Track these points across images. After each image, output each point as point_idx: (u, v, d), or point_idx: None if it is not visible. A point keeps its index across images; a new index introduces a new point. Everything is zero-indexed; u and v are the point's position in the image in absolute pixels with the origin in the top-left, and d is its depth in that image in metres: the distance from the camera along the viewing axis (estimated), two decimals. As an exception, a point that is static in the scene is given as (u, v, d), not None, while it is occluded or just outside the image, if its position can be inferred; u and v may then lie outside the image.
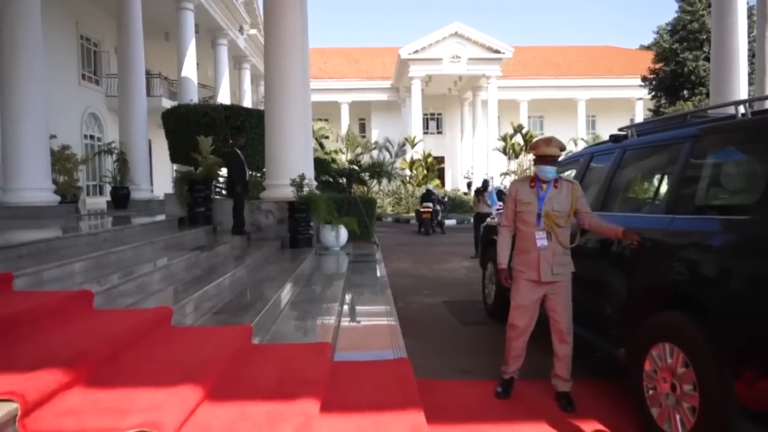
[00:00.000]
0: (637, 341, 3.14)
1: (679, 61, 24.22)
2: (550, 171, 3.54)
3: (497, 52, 31.83)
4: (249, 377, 2.99)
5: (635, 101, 35.67)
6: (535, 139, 3.82)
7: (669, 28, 26.30)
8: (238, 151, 8.27)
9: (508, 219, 3.75)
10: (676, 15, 25.76)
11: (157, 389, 2.48)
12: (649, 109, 28.01)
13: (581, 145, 32.42)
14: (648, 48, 38.02)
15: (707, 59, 23.28)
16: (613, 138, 4.21)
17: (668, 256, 3.06)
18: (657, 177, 3.95)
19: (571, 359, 3.61)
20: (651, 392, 3.02)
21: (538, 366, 4.00)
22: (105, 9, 17.90)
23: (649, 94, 26.78)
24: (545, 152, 3.53)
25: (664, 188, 3.65)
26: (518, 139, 29.63)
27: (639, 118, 35.54)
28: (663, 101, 25.11)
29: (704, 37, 23.31)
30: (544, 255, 3.52)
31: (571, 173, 4.67)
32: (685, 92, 24.34)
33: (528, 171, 31.04)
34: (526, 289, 3.62)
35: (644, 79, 26.57)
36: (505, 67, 32.82)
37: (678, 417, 2.79)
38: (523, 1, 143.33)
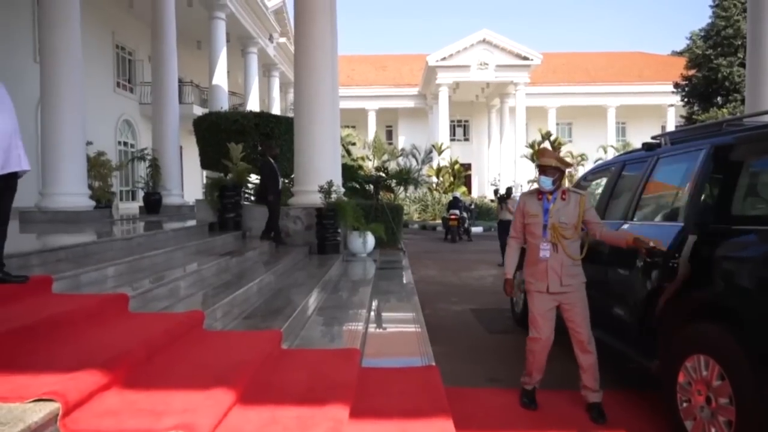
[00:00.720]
0: (671, 353, 3.09)
1: (713, 67, 23.72)
2: (544, 182, 3.60)
3: (525, 58, 31.66)
4: (279, 381, 3.02)
5: (667, 108, 35.02)
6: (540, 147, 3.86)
7: (702, 33, 25.77)
8: (272, 160, 8.38)
9: (516, 231, 3.80)
10: (709, 20, 25.24)
11: (191, 392, 2.53)
12: (682, 116, 27.46)
13: (611, 153, 31.97)
14: (680, 54, 37.29)
15: (742, 65, 22.76)
16: (646, 146, 4.15)
17: (704, 267, 3.00)
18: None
19: (597, 369, 3.58)
20: (685, 405, 2.96)
21: (565, 375, 3.96)
22: (140, 19, 18.41)
23: (681, 100, 26.25)
24: (541, 162, 3.63)
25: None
26: (546, 146, 29.37)
27: (670, 125, 34.88)
28: (696, 108, 24.59)
29: (739, 42, 22.78)
30: (552, 266, 3.54)
31: (602, 181, 4.62)
32: (719, 99, 23.79)
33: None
34: (539, 300, 3.63)
35: (676, 85, 26.07)
36: (533, 73, 32.61)
37: (713, 430, 2.73)
38: (552, 8, 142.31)
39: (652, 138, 4.17)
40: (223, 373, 2.81)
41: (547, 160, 3.58)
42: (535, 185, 3.93)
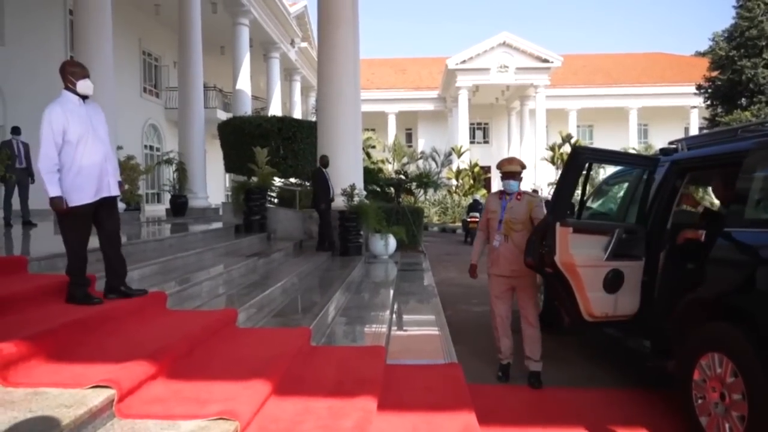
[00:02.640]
0: (686, 351, 3.19)
1: (737, 69, 23.39)
2: (513, 185, 4.28)
3: (546, 61, 31.54)
4: (310, 375, 3.20)
5: (689, 110, 34.56)
6: (500, 160, 4.39)
7: (725, 34, 25.42)
8: (324, 170, 8.52)
9: (482, 224, 4.52)
10: (733, 21, 24.90)
11: (230, 382, 2.72)
12: (705, 118, 27.08)
13: (632, 155, 31.64)
14: (703, 55, 36.79)
15: (767, 66, 22.44)
16: (663, 151, 4.25)
17: (720, 269, 3.10)
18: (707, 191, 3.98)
19: (538, 342, 4.21)
20: (700, 401, 3.06)
21: (588, 375, 4.06)
22: (166, 26, 18.87)
23: (704, 102, 25.91)
24: (509, 169, 4.28)
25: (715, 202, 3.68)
26: (567, 148, 29.21)
27: (694, 127, 34.42)
28: (719, 110, 24.26)
29: (763, 43, 22.45)
30: (502, 253, 4.23)
31: (623, 186, 4.73)
32: (743, 101, 23.44)
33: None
34: (495, 282, 4.37)
35: (699, 87, 25.75)
36: (553, 75, 32.46)
37: (727, 426, 2.83)
38: (573, 10, 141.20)
39: (669, 143, 4.26)
40: (258, 366, 2.99)
41: (515, 167, 4.27)
42: (528, 187, 4.28)
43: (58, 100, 3.60)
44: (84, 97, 3.69)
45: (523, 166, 4.37)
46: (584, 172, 4.16)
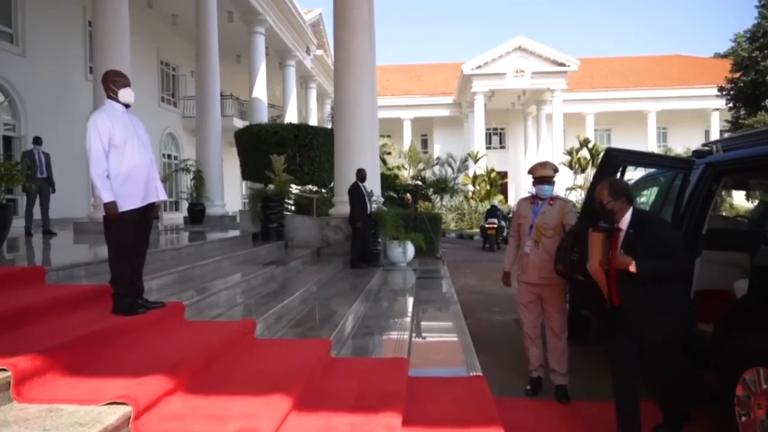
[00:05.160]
0: (728, 365, 3.03)
1: (760, 70, 22.96)
2: (547, 189, 4.17)
3: (562, 65, 31.27)
4: (331, 389, 3.09)
5: (711, 112, 33.97)
6: (531, 165, 4.26)
7: (748, 35, 25.02)
8: (361, 185, 8.32)
9: (513, 231, 4.43)
10: (755, 21, 24.49)
11: (250, 397, 2.62)
12: (727, 121, 26.59)
13: (652, 159, 31.21)
14: (723, 56, 36.22)
15: (792, 67, 22.02)
16: (696, 153, 4.09)
17: (764, 276, 2.94)
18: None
19: (564, 355, 4.08)
20: (744, 419, 2.90)
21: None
22: (184, 36, 19.06)
23: (726, 104, 25.46)
24: (542, 174, 4.16)
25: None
26: (585, 153, 28.89)
27: (715, 130, 33.83)
28: (742, 112, 23.83)
29: (788, 43, 22.04)
30: (532, 260, 4.13)
31: (653, 190, 4.58)
32: (767, 102, 23.00)
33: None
34: (523, 290, 4.27)
35: (721, 89, 25.32)
36: (570, 79, 32.17)
37: (775, 445, 2.67)
38: (588, 14, 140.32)
39: (703, 145, 4.11)
40: (278, 380, 2.90)
41: (548, 171, 4.16)
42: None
43: (102, 108, 3.63)
44: (126, 106, 3.70)
45: (556, 170, 4.28)
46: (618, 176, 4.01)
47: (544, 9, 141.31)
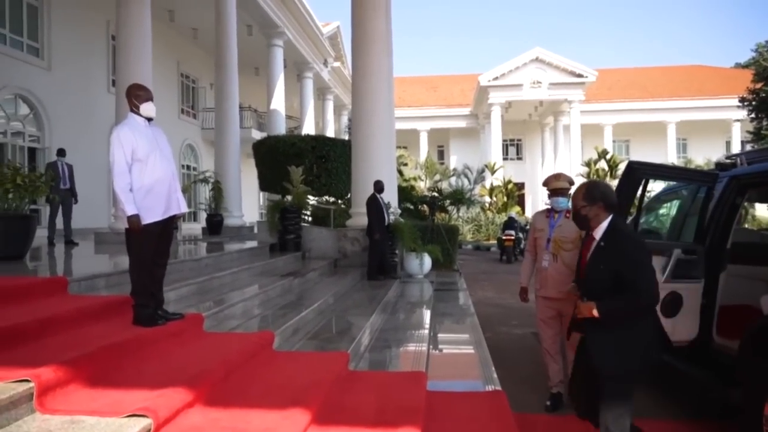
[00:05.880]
0: (756, 382, 2.95)
1: (783, 80, 22.60)
2: (562, 202, 4.10)
3: (580, 76, 31.13)
4: (350, 403, 3.07)
5: (732, 123, 33.52)
6: (546, 177, 4.26)
7: (770, 45, 24.67)
8: (379, 197, 8.31)
9: (529, 245, 4.37)
10: (778, 31, 24.15)
11: (269, 411, 2.61)
12: (749, 132, 26.17)
13: (672, 170, 30.78)
14: (744, 66, 35.77)
15: (816, 77, 21.63)
16: (719, 166, 4.03)
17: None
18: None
19: None
20: (774, 439, 2.82)
21: (642, 406, 3.81)
22: (203, 49, 19.38)
23: (747, 115, 25.07)
24: (557, 186, 4.11)
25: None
26: (603, 164, 28.65)
27: (736, 141, 33.38)
28: (765, 123, 23.42)
29: (811, 53, 21.66)
30: (551, 274, 4.06)
31: (674, 203, 4.51)
32: (790, 113, 22.60)
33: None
34: (542, 305, 4.19)
35: (743, 99, 24.94)
36: (588, 90, 32.01)
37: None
38: (606, 25, 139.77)
39: (726, 158, 4.04)
40: (296, 393, 2.89)
41: (563, 183, 4.12)
42: (552, 204, 4.24)
43: (125, 122, 3.68)
44: (148, 119, 3.75)
45: (572, 182, 4.23)
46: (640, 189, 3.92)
47: (561, 21, 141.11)
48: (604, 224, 2.83)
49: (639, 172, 3.70)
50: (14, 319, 3.10)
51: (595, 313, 2.70)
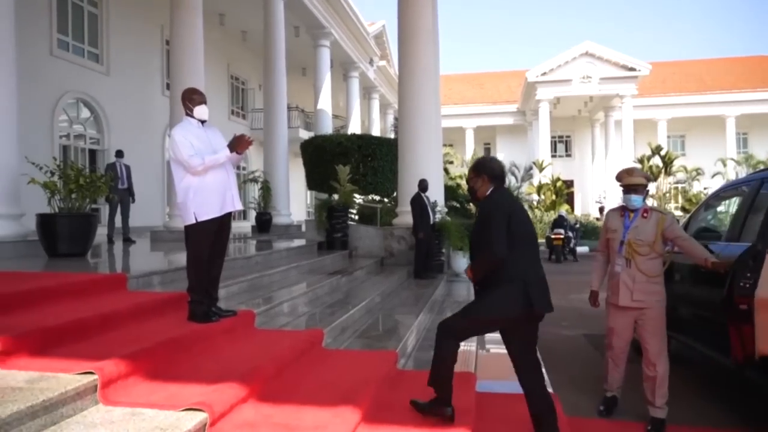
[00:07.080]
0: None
1: None
2: (635, 199, 3.79)
3: (632, 69, 30.12)
4: (399, 403, 3.07)
5: (797, 116, 31.78)
6: (618, 171, 3.98)
7: (840, 32, 23.22)
8: (423, 195, 8.29)
9: (601, 245, 4.09)
10: None
11: (319, 408, 2.65)
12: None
13: (731, 166, 29.43)
14: (813, 56, 33.80)
15: None
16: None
17: None
18: None
19: (660, 385, 3.63)
20: None
21: (699, 413, 3.68)
22: (252, 51, 19.78)
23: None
24: (630, 182, 3.79)
25: None
26: (656, 160, 27.68)
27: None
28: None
29: None
30: (623, 280, 3.74)
31: (734, 201, 4.29)
32: None
33: (667, 194, 28.74)
34: (614, 313, 3.89)
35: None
36: (640, 84, 30.94)
37: None
38: (658, 16, 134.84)
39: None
40: (346, 391, 2.91)
41: (637, 179, 3.79)
42: (624, 202, 3.94)
43: (181, 123, 3.82)
44: (202, 122, 3.86)
45: (648, 179, 3.95)
46: None
47: (612, 14, 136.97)
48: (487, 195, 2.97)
49: None
50: (78, 313, 3.25)
51: (470, 273, 2.92)
